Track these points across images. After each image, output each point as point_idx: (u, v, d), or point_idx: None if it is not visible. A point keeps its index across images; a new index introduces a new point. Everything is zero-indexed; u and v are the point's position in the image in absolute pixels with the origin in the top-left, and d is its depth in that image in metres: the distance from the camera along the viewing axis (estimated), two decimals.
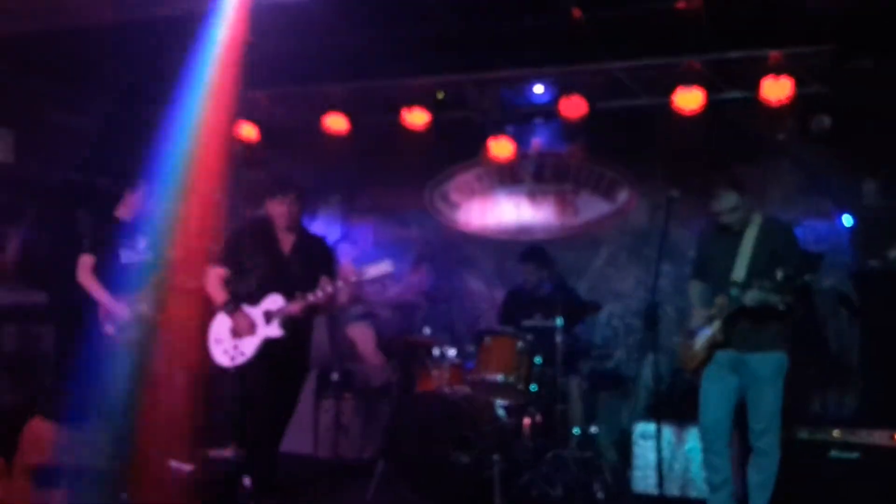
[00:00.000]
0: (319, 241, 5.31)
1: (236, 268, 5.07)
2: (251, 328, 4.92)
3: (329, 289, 4.87)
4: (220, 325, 5.03)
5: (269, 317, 4.92)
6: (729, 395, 4.60)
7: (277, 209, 5.03)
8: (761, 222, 4.57)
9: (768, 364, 4.49)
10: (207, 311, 5.42)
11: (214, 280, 5.05)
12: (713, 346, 4.52)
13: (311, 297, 4.85)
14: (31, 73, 6.34)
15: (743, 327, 4.46)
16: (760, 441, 4.54)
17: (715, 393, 4.63)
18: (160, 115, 6.96)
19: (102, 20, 5.48)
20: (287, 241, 5.10)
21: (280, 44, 6.14)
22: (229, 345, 4.98)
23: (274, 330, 4.90)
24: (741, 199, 4.50)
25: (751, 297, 4.29)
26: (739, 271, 4.48)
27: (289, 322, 4.92)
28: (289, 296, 4.89)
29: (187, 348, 6.93)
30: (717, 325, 4.49)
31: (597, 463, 5.68)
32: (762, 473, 4.57)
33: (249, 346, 4.94)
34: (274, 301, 4.92)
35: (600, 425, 6.27)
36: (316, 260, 5.15)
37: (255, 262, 5.04)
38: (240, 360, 4.95)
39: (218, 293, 5.03)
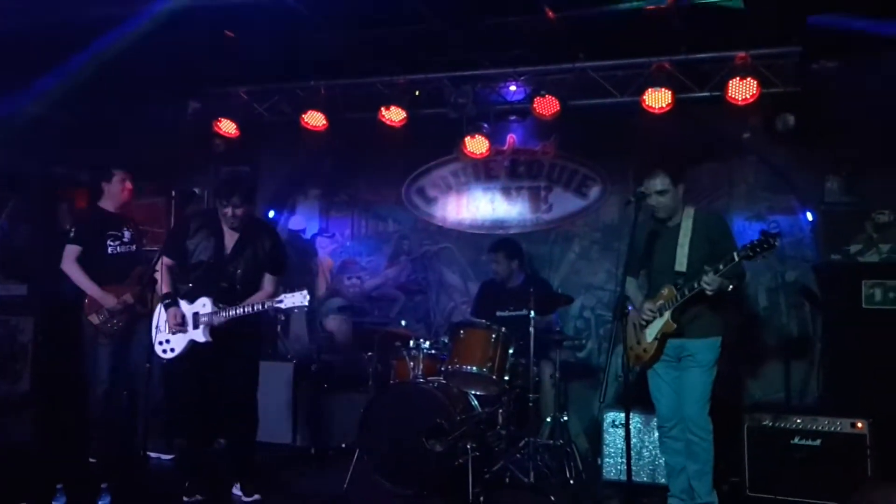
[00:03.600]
0: (265, 237, 5.19)
1: (181, 259, 5.07)
2: (181, 327, 4.95)
3: (258, 306, 4.88)
4: (161, 316, 5.05)
5: (196, 320, 4.95)
6: (676, 381, 4.75)
7: (222, 211, 4.99)
8: (693, 214, 4.73)
9: (707, 350, 4.64)
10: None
11: (164, 269, 5.05)
12: (665, 335, 4.63)
13: (232, 312, 4.88)
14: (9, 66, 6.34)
15: (689, 314, 4.60)
16: (695, 427, 4.64)
17: (665, 383, 4.79)
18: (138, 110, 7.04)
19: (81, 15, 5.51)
20: (231, 238, 5.06)
21: (259, 41, 6.21)
22: (164, 337, 5.03)
23: (199, 335, 4.94)
24: (672, 186, 4.65)
25: (708, 281, 4.37)
26: (681, 262, 4.62)
27: (215, 330, 4.93)
28: (221, 300, 4.92)
29: None
30: (667, 314, 4.60)
31: (568, 450, 5.79)
32: (699, 461, 4.67)
33: (178, 344, 5.01)
34: (203, 305, 4.94)
35: (572, 414, 6.41)
36: (261, 259, 5.11)
37: (197, 258, 5.02)
38: (170, 354, 5.03)
39: (163, 284, 5.04)
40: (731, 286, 4.48)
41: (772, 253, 4.32)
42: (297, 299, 4.83)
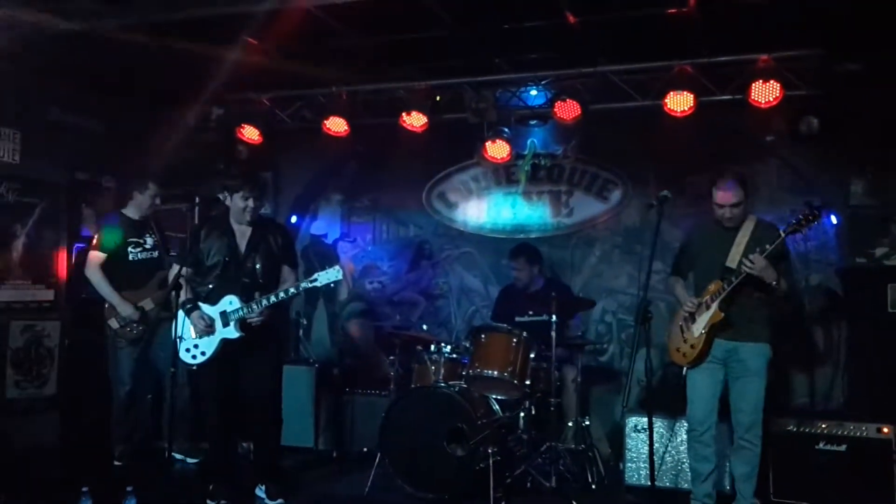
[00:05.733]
0: (276, 233, 5.30)
1: (196, 265, 5.12)
2: (209, 329, 5.00)
3: (292, 290, 4.95)
4: (183, 324, 5.05)
5: (225, 318, 4.99)
6: (717, 386, 4.74)
7: (240, 204, 5.07)
8: (756, 222, 4.76)
9: (758, 355, 4.65)
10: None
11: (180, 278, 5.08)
12: (714, 326, 4.61)
13: (265, 301, 4.92)
14: (37, 73, 6.43)
15: (736, 314, 4.59)
16: (748, 434, 4.66)
17: (704, 384, 4.76)
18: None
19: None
20: (244, 238, 5.15)
21: (282, 48, 6.24)
22: (190, 343, 5.07)
23: (231, 332, 4.99)
24: (744, 196, 4.67)
25: (753, 259, 4.39)
26: (734, 259, 4.63)
27: (246, 323, 4.98)
28: (245, 296, 4.96)
29: None
30: (715, 305, 4.60)
31: (590, 455, 5.78)
32: (748, 465, 4.71)
33: (209, 346, 5.04)
34: (230, 303, 4.99)
35: (593, 418, 6.37)
36: (275, 252, 5.19)
37: (213, 260, 5.08)
38: (201, 359, 5.05)
39: (181, 291, 5.04)
40: (775, 282, 4.46)
41: (816, 224, 4.31)
42: (331, 275, 4.88)
